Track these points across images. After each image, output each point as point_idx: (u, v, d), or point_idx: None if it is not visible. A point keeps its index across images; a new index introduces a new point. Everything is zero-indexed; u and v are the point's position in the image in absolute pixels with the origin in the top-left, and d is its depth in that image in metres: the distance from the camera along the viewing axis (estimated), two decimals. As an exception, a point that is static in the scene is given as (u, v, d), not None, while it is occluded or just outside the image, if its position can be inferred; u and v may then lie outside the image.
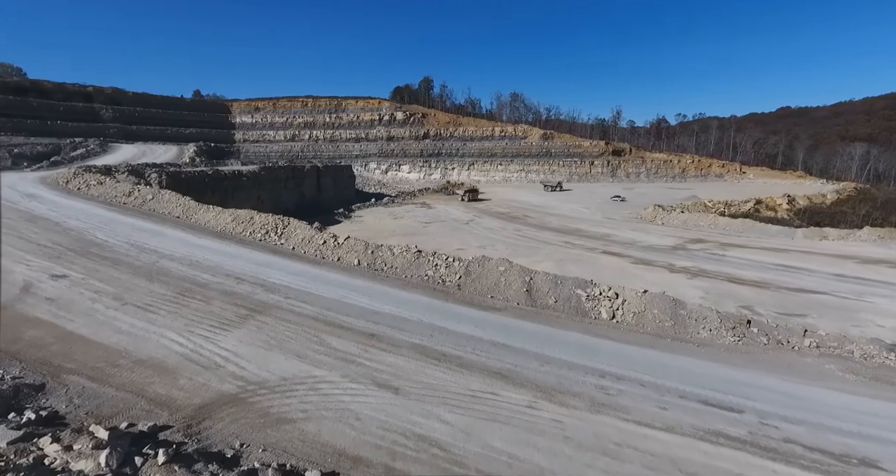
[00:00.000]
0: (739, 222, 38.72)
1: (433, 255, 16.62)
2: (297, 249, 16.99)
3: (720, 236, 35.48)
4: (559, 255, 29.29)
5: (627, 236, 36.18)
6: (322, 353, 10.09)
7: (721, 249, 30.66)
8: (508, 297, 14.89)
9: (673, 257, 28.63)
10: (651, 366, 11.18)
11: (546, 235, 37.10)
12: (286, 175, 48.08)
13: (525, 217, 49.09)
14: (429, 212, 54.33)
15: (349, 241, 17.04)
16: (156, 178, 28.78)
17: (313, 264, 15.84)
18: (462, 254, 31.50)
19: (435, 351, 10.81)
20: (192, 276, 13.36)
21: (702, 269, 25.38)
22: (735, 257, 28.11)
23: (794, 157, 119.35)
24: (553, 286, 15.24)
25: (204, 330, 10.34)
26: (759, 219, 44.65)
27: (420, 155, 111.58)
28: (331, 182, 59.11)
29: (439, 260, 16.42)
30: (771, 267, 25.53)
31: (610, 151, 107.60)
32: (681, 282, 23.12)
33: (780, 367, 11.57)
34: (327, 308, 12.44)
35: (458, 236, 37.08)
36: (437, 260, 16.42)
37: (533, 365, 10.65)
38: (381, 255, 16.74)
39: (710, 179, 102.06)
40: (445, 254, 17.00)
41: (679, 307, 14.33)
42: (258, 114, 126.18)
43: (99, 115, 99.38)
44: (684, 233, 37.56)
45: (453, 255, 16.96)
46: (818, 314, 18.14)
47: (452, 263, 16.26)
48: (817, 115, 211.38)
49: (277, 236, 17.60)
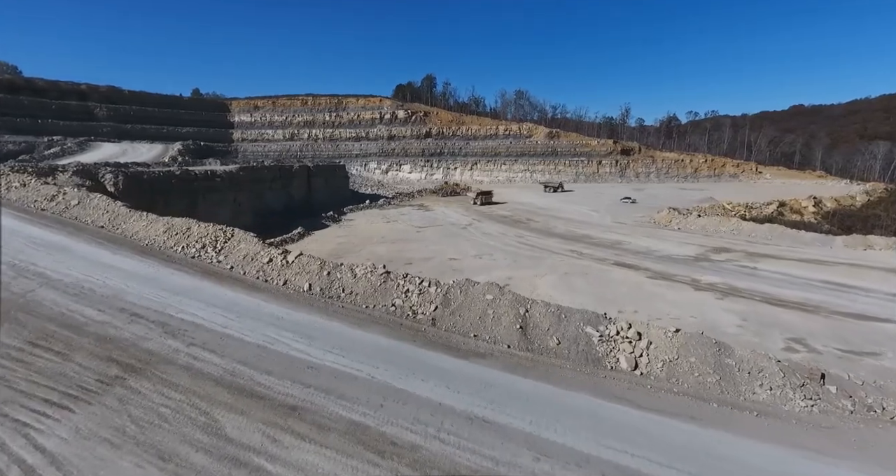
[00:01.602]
0: (766, 228, 34.81)
1: (404, 278, 13.14)
2: (236, 269, 13.59)
3: (746, 244, 31.64)
4: (564, 267, 25.70)
5: (641, 244, 32.46)
6: (203, 449, 6.66)
7: (750, 261, 26.86)
8: (497, 337, 11.38)
9: (696, 270, 24.92)
10: (696, 455, 7.65)
11: (550, 243, 33.48)
12: (272, 175, 44.86)
13: (528, 221, 45.48)
14: (426, 215, 50.89)
15: (301, 260, 13.61)
16: (111, 179, 25.61)
17: (250, 290, 12.43)
18: (456, 264, 28.10)
19: (380, 437, 7.36)
20: (69, 312, 10.00)
21: (732, 287, 21.66)
22: (769, 271, 24.33)
23: (812, 156, 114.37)
24: (555, 322, 11.70)
25: (26, 411, 6.94)
26: (785, 223, 40.69)
27: (421, 154, 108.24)
28: (322, 183, 55.87)
29: (411, 284, 12.95)
30: (816, 284, 21.75)
31: (618, 150, 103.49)
32: (710, 303, 19.45)
33: (890, 456, 7.96)
34: (242, 362, 9.02)
35: (454, 243, 33.60)
36: (408, 284, 12.95)
37: (524, 461, 7.17)
38: (340, 277, 13.30)
39: (724, 179, 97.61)
40: (420, 277, 13.51)
41: (725, 354, 10.72)
42: (257, 112, 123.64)
43: (93, 113, 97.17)
44: (705, 240, 33.75)
45: (432, 278, 13.46)
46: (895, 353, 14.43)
47: (428, 289, 12.78)
48: (833, 113, 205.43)
49: (216, 252, 14.23)
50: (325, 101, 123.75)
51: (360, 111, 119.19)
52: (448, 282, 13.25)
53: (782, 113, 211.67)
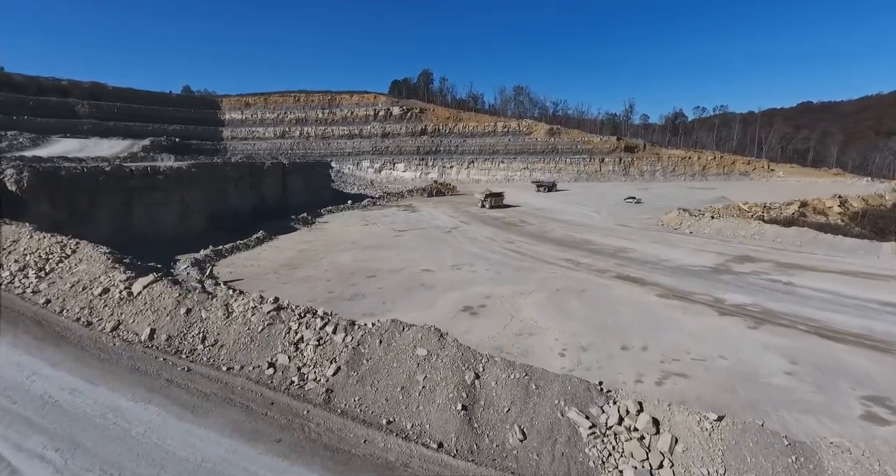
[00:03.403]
0: (794, 232, 30.07)
1: (300, 318, 8.74)
2: (54, 304, 9.25)
3: (774, 252, 26.99)
4: (556, 283, 21.21)
5: (649, 251, 27.89)
6: None
7: (783, 273, 22.27)
8: (425, 426, 6.96)
9: (717, 286, 20.38)
10: None
11: (544, 250, 28.96)
12: (238, 173, 40.50)
13: (522, 223, 40.94)
14: (410, 216, 46.48)
15: (152, 291, 9.24)
16: (12, 176, 21.38)
17: (40, 344, 8.03)
18: (427, 278, 23.54)
19: None
20: None
21: (767, 310, 17.11)
22: (809, 288, 19.74)
23: (826, 153, 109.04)
24: (521, 397, 7.27)
25: None
26: (811, 225, 35.97)
27: (416, 152, 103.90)
28: (301, 182, 51.52)
29: (309, 329, 8.54)
30: (874, 307, 17.15)
31: (622, 148, 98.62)
32: (742, 335, 14.92)
33: None
34: None
35: (433, 250, 29.17)
36: (304, 330, 8.54)
37: None
38: (205, 316, 8.92)
39: (733, 178, 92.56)
40: (328, 315, 9.06)
41: (807, 466, 6.23)
42: (248, 110, 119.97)
43: (74, 110, 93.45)
44: (723, 246, 29.12)
45: (344, 319, 9.03)
46: None
47: (332, 337, 8.37)
48: (844, 110, 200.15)
49: (38, 277, 9.88)
50: (319, 98, 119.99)
51: (354, 108, 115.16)
52: (367, 325, 8.82)
53: (790, 110, 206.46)
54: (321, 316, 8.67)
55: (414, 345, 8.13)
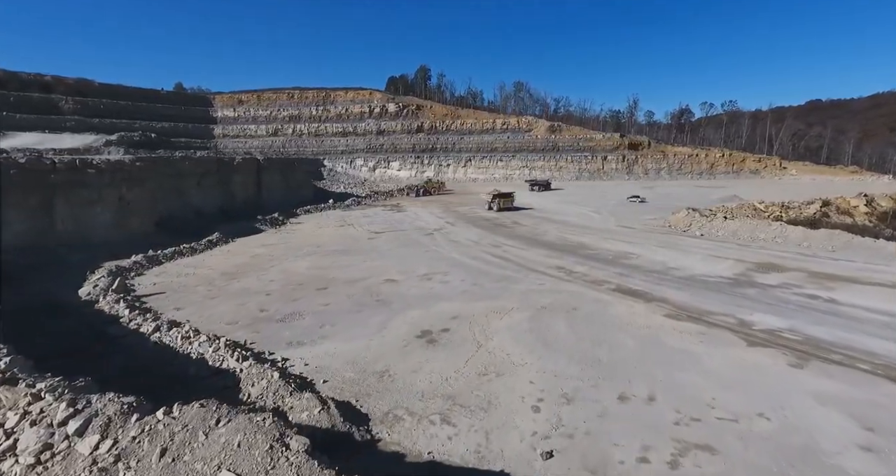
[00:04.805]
0: (824, 234, 25.97)
1: (28, 405, 4.91)
2: None
3: (803, 259, 22.97)
4: (541, 298, 17.35)
5: (655, 258, 23.99)
6: None
7: (820, 286, 18.29)
8: None
9: (740, 303, 16.47)
10: None
11: (532, 255, 25.12)
12: (202, 169, 36.83)
13: (514, 225, 37.11)
14: (393, 216, 42.75)
15: None
16: None
17: None
18: (389, 290, 19.10)
19: None
20: None
21: (811, 339, 13.18)
22: (858, 306, 15.77)
23: (840, 151, 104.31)
24: None
25: None
26: (836, 226, 31.85)
27: (412, 150, 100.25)
28: (278, 179, 47.93)
29: (37, 430, 4.73)
30: (952, 336, 13.17)
31: (626, 145, 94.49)
32: (782, 378, 11.02)
33: None
34: None
35: (405, 256, 25.42)
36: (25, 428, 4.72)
37: None
38: None
39: (743, 176, 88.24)
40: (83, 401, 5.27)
41: None
42: (241, 107, 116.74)
43: (58, 106, 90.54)
44: (741, 251, 25.15)
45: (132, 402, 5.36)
46: None
47: (73, 444, 4.54)
48: (855, 107, 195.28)
49: None
50: (313, 95, 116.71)
51: (349, 105, 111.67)
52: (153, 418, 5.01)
53: (798, 108, 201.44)
54: (68, 400, 4.80)
55: (219, 464, 4.32)
